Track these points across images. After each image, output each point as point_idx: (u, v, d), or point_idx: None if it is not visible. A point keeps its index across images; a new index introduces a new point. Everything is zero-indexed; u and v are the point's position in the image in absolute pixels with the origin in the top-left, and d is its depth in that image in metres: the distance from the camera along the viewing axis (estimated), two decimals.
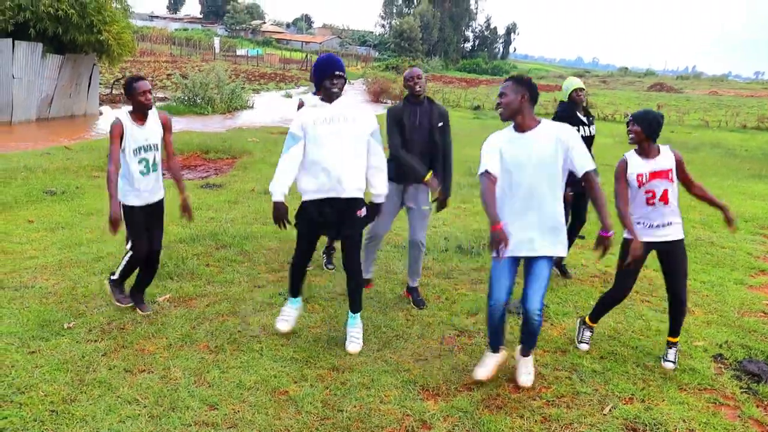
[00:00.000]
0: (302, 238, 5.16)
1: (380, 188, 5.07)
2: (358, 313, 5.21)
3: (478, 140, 5.96)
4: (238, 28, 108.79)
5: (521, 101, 4.26)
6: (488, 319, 4.60)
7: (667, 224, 4.89)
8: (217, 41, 75.35)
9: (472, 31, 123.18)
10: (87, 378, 4.42)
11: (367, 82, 44.12)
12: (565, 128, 4.34)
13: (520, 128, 4.33)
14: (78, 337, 5.05)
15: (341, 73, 4.89)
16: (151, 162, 5.35)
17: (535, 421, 4.20)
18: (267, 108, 29.80)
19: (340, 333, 5.35)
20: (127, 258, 5.55)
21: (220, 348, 5.00)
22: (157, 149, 5.41)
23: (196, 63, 47.73)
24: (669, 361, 5.04)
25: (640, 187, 4.85)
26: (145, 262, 5.55)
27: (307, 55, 72.51)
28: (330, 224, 5.01)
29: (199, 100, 25.88)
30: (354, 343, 5.10)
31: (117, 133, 5.17)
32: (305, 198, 4.99)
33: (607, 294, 5.26)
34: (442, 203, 5.98)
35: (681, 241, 4.95)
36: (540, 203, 4.31)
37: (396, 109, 5.83)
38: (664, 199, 4.83)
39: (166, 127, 5.50)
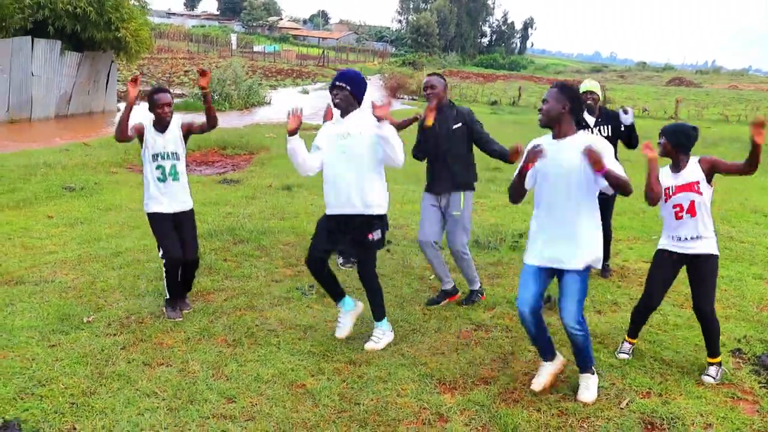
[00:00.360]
0: (315, 242, 5.09)
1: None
2: (381, 321, 5.18)
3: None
4: (254, 24, 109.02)
5: (561, 111, 4.16)
6: (522, 325, 4.52)
7: (695, 238, 4.77)
8: (233, 38, 75.48)
9: (489, 26, 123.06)
10: (106, 371, 4.47)
11: (383, 78, 44.20)
12: (597, 140, 4.21)
13: (557, 136, 4.25)
14: (97, 330, 5.11)
15: (341, 84, 4.87)
16: (167, 170, 5.34)
17: (552, 414, 4.20)
18: (284, 104, 29.86)
19: (357, 327, 5.36)
20: (164, 269, 5.47)
21: (238, 342, 5.04)
22: (177, 158, 5.38)
23: (214, 59, 47.96)
24: (707, 375, 4.79)
25: (667, 201, 4.79)
26: (180, 269, 5.47)
27: (323, 51, 72.54)
28: (342, 240, 5.00)
29: (216, 97, 26.00)
30: (371, 341, 5.10)
31: (137, 129, 5.31)
32: (326, 211, 5.06)
33: (636, 307, 5.15)
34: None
35: (710, 256, 4.79)
36: (562, 215, 4.25)
37: (420, 119, 5.88)
38: (691, 211, 4.73)
39: (190, 128, 5.50)
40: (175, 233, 5.42)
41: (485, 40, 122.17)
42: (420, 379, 4.57)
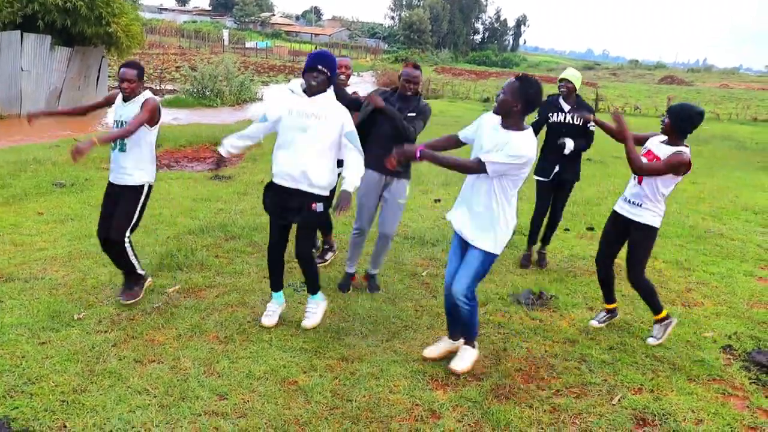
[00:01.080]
0: (271, 225, 5.30)
1: (350, 181, 4.92)
2: (316, 294, 5.38)
3: None
4: (247, 20, 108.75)
5: (514, 108, 4.22)
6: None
7: (637, 204, 5.10)
8: (225, 33, 75.35)
9: (482, 23, 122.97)
10: (97, 368, 4.44)
11: (376, 74, 44.21)
12: (517, 143, 4.19)
13: (505, 125, 4.31)
14: (88, 328, 5.07)
15: (323, 69, 4.89)
16: (118, 141, 5.32)
17: (544, 410, 4.21)
18: (276, 100, 29.78)
19: (349, 323, 5.37)
20: None
21: (230, 338, 5.02)
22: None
23: (205, 55, 47.72)
24: (652, 336, 5.29)
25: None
26: (103, 245, 5.54)
27: (316, 47, 72.44)
28: (286, 209, 5.09)
29: (208, 93, 25.92)
30: (307, 318, 5.28)
31: (108, 97, 5.50)
32: (272, 178, 5.14)
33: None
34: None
35: (643, 226, 5.09)
36: (479, 194, 4.36)
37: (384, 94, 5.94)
38: (640, 178, 5.05)
39: (144, 108, 5.22)
40: (109, 210, 5.44)
41: (478, 37, 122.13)
42: (412, 376, 4.57)
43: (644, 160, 4.99)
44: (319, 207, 5.05)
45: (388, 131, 5.72)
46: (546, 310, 5.89)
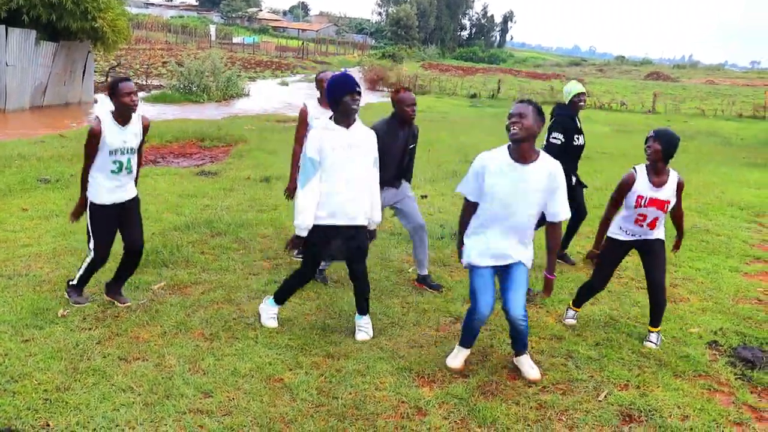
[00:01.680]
0: (308, 264, 5.12)
1: (375, 218, 5.08)
2: (367, 313, 5.23)
3: (473, 128, 5.96)
4: (234, 15, 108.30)
5: (537, 132, 4.22)
6: (468, 326, 4.60)
7: (645, 236, 5.15)
8: (212, 29, 75.10)
9: (468, 19, 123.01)
10: (81, 366, 4.40)
11: (363, 70, 44.16)
12: (559, 169, 4.31)
13: (522, 158, 4.26)
14: (72, 325, 5.03)
15: (360, 90, 4.80)
16: (124, 164, 5.20)
17: (531, 407, 4.20)
18: (263, 96, 29.73)
19: (335, 320, 5.35)
20: (87, 261, 5.37)
21: (215, 335, 4.99)
22: (133, 153, 5.25)
23: (192, 51, 47.54)
24: (650, 341, 5.19)
25: (636, 207, 5.02)
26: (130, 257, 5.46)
27: (303, 43, 72.30)
28: (338, 249, 4.96)
29: (194, 88, 25.84)
30: (363, 332, 5.11)
31: (94, 137, 5.05)
32: (316, 222, 4.82)
33: (586, 284, 5.50)
34: None
35: (659, 240, 5.16)
36: (516, 225, 4.37)
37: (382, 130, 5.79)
38: (652, 225, 5.07)
39: (144, 131, 5.36)
40: (114, 230, 5.37)
41: (465, 33, 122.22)
42: (398, 373, 4.55)
43: (652, 210, 4.99)
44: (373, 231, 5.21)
45: (397, 155, 5.96)
46: (532, 307, 5.89)
